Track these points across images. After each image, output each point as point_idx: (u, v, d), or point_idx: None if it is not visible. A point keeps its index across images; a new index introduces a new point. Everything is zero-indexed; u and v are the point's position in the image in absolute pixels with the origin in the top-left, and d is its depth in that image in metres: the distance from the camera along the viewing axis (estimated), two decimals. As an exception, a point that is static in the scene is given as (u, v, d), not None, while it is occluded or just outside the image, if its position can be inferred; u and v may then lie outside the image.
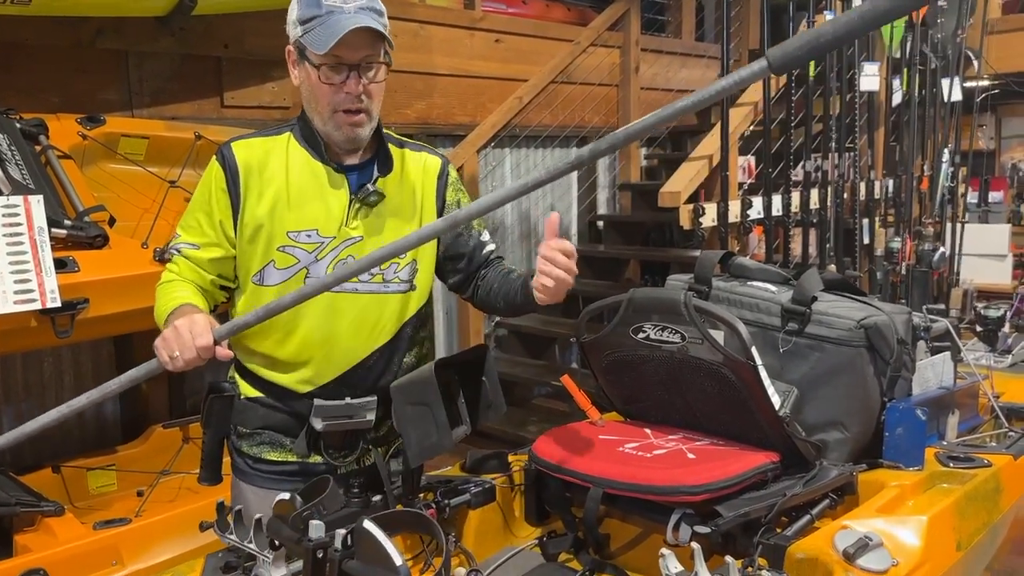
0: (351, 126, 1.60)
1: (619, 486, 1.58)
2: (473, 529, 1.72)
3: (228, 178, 1.63)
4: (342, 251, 1.65)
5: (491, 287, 1.76)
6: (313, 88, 1.59)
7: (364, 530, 1.09)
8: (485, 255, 1.81)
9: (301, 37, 1.56)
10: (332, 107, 1.58)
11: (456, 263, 1.79)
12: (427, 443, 1.52)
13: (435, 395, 1.51)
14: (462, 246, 1.78)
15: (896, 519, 1.55)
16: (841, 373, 1.80)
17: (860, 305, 1.85)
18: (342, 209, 1.64)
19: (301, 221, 1.63)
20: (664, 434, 1.80)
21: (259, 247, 1.64)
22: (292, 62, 1.64)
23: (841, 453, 1.80)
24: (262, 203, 1.62)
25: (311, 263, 1.63)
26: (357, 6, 1.54)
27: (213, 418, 1.72)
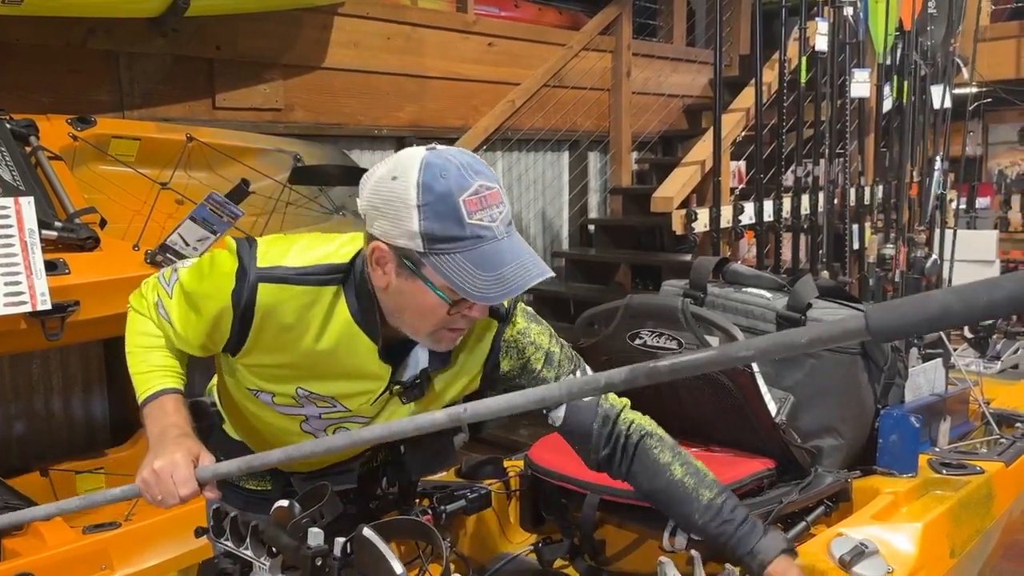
0: (451, 341, 1.29)
1: (616, 493, 1.58)
2: (469, 535, 1.72)
3: (235, 316, 1.28)
4: (348, 424, 1.41)
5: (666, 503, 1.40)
6: (422, 309, 1.22)
7: (364, 538, 1.09)
8: (591, 440, 1.39)
9: (424, 255, 1.15)
10: (442, 326, 1.24)
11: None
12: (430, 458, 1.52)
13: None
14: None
15: (891, 526, 1.56)
16: (836, 380, 1.81)
17: (855, 313, 1.86)
18: (371, 395, 1.35)
19: (320, 388, 1.35)
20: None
21: (258, 374, 1.37)
22: (385, 262, 1.21)
23: (835, 460, 1.81)
24: (273, 356, 1.32)
25: (311, 419, 1.41)
26: (505, 225, 1.17)
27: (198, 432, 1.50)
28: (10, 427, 3.13)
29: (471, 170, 1.16)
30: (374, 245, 1.20)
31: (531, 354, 1.39)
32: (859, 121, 4.45)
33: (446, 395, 1.40)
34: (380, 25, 4.09)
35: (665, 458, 1.39)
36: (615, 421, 1.40)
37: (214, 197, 2.55)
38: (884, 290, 3.90)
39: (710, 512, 1.34)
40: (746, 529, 1.33)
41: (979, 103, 5.43)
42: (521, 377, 1.39)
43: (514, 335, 1.38)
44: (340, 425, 1.41)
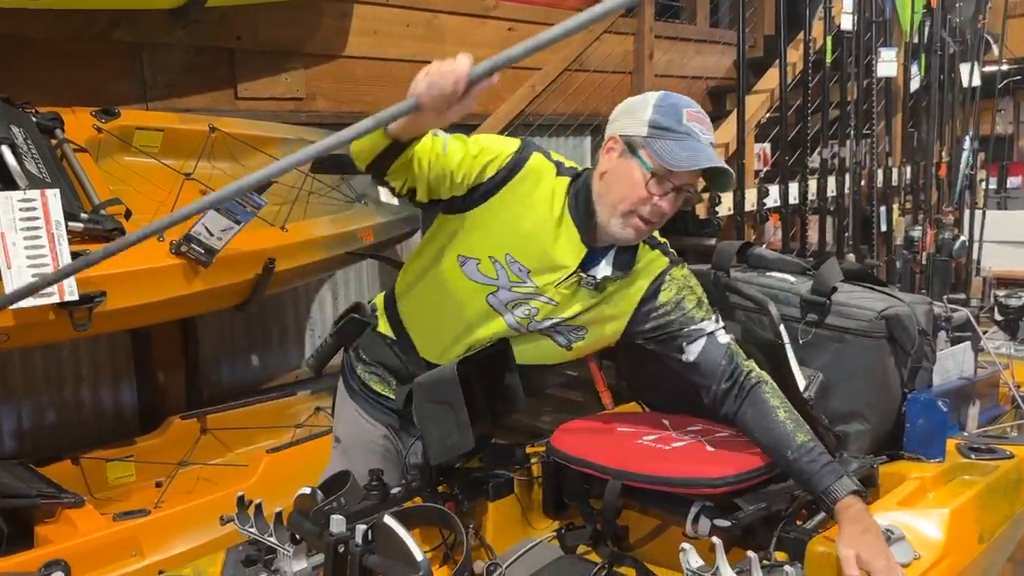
0: (636, 232, 1.59)
1: (638, 479, 1.57)
2: (491, 521, 1.72)
3: (506, 165, 1.59)
4: (532, 301, 1.64)
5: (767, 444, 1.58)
6: (627, 185, 1.56)
7: (385, 525, 1.09)
8: (716, 374, 1.63)
9: (647, 138, 1.54)
10: (633, 208, 1.57)
11: (678, 367, 1.69)
12: (448, 442, 1.53)
13: (457, 395, 1.51)
14: (666, 350, 1.69)
15: (918, 512, 1.54)
16: (862, 364, 1.79)
17: (881, 296, 1.84)
18: (560, 276, 1.62)
19: (524, 254, 1.61)
20: (683, 425, 1.79)
21: (477, 235, 1.62)
22: (611, 149, 1.60)
23: (861, 445, 1.79)
24: (507, 211, 1.60)
25: (501, 290, 1.63)
26: (709, 140, 1.57)
27: (342, 333, 1.82)
28: (42, 416, 3.18)
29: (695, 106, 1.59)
30: (610, 136, 1.61)
31: (686, 295, 1.68)
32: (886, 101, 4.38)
33: (612, 302, 1.66)
34: (399, 12, 4.08)
35: (774, 402, 1.60)
36: (738, 363, 1.64)
37: (237, 187, 2.56)
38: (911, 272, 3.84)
39: (801, 451, 1.51)
40: (827, 471, 1.48)
41: (1009, 80, 5.32)
42: (673, 312, 1.66)
43: (677, 276, 1.69)
44: (523, 303, 1.64)
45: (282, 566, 1.35)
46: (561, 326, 1.68)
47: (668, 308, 1.67)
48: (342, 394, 1.88)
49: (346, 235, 3.11)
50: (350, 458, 1.80)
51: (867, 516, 1.42)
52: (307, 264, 3.02)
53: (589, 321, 1.68)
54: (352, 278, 3.96)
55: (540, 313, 1.66)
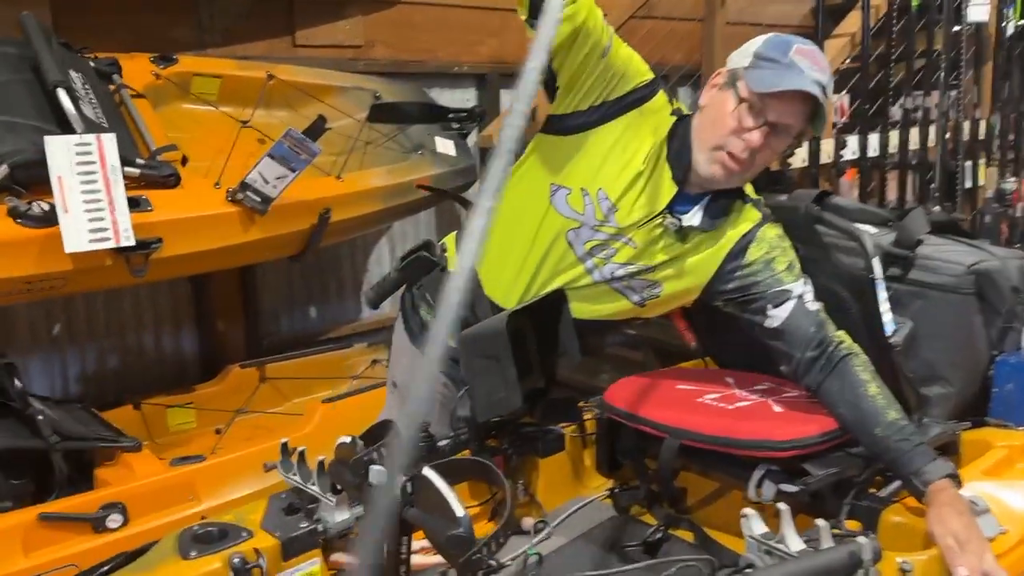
0: (723, 169, 1.51)
1: (698, 438, 1.48)
2: (542, 478, 1.66)
3: (640, 92, 1.55)
4: (613, 243, 1.57)
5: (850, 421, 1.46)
6: (718, 116, 1.51)
7: (425, 478, 1.03)
8: (803, 342, 1.52)
9: (746, 68, 1.48)
10: (721, 143, 1.50)
11: (761, 333, 1.59)
12: (495, 399, 1.46)
13: (505, 349, 1.44)
14: (748, 314, 1.59)
15: (1004, 483, 1.42)
16: (947, 323, 1.65)
17: (970, 249, 1.69)
18: (645, 215, 1.55)
19: (615, 189, 1.54)
20: (749, 383, 1.69)
21: (577, 162, 1.55)
22: (714, 84, 1.56)
23: (943, 410, 1.66)
24: (615, 141, 1.54)
25: (584, 227, 1.56)
26: (816, 78, 1.46)
27: (407, 269, 1.76)
28: (104, 362, 3.23)
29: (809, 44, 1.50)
30: (717, 71, 1.56)
31: (777, 255, 1.57)
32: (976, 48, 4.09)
33: (695, 255, 1.57)
34: (459, -41, 3.95)
35: (864, 376, 1.47)
36: (828, 331, 1.53)
37: (292, 134, 2.52)
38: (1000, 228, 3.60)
39: (892, 429, 1.40)
40: (919, 451, 1.37)
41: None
42: (761, 272, 1.56)
43: (769, 235, 1.59)
44: (603, 246, 1.56)
45: (324, 516, 1.31)
46: (637, 278, 1.59)
47: (756, 268, 1.57)
48: (400, 337, 1.81)
49: (402, 186, 3.05)
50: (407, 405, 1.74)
51: (960, 501, 1.30)
52: (363, 215, 2.98)
53: (668, 276, 1.59)
54: (410, 230, 3.91)
55: (619, 255, 1.57)
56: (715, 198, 1.57)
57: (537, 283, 1.62)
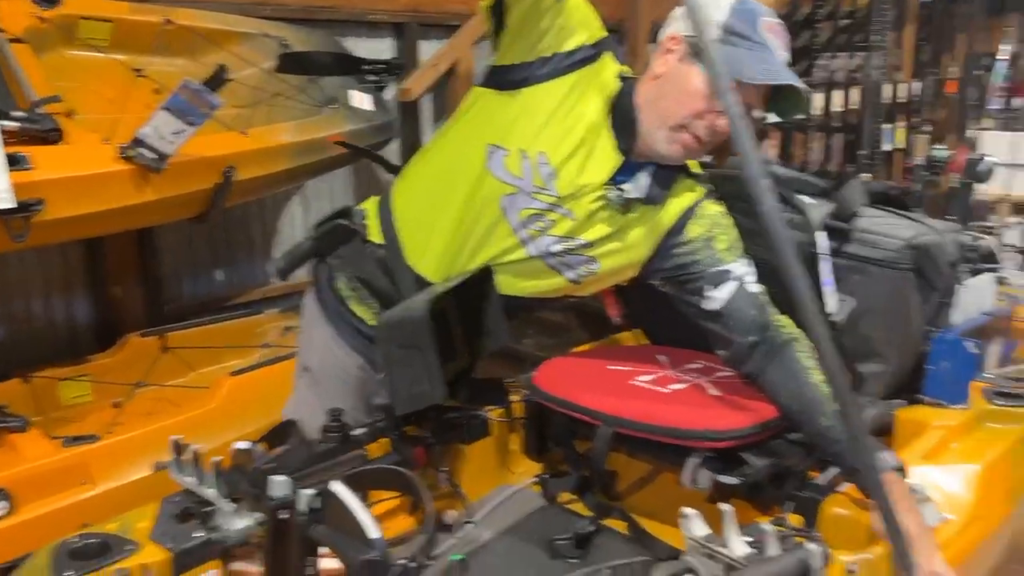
0: (684, 149, 1.42)
1: (633, 426, 1.39)
2: (466, 467, 1.55)
3: (589, 50, 1.43)
4: (550, 214, 1.45)
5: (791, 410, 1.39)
6: (682, 94, 1.39)
7: (333, 494, 0.91)
8: (743, 326, 1.44)
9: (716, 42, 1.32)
10: (685, 123, 1.39)
11: (698, 315, 1.50)
12: (416, 391, 1.34)
13: (427, 338, 1.31)
14: (685, 294, 1.50)
15: (944, 468, 1.38)
16: (883, 299, 1.61)
17: (909, 223, 1.64)
18: (585, 183, 1.43)
19: (556, 155, 1.42)
20: (682, 362, 1.61)
21: (518, 121, 1.42)
22: (671, 50, 1.42)
23: (878, 387, 1.62)
24: (557, 103, 1.41)
25: (520, 193, 1.44)
26: (785, 58, 1.39)
27: (323, 238, 1.62)
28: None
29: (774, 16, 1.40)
30: (671, 33, 1.43)
31: (718, 234, 1.48)
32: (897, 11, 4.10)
33: (635, 230, 1.48)
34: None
35: (808, 363, 1.40)
36: (770, 315, 1.44)
37: (189, 85, 2.30)
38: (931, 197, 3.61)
39: (838, 419, 1.31)
40: None
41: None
42: (701, 251, 1.47)
43: (711, 212, 1.50)
44: (539, 216, 1.45)
45: (222, 523, 1.17)
46: (574, 254, 1.48)
47: (696, 245, 1.48)
48: (313, 314, 1.65)
49: (314, 143, 2.87)
50: (319, 391, 1.60)
51: (909, 497, 1.24)
52: (270, 173, 2.79)
53: (607, 252, 1.48)
54: (324, 190, 3.70)
55: (556, 227, 1.46)
56: (659, 170, 1.47)
57: (465, 253, 1.49)
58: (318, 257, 1.62)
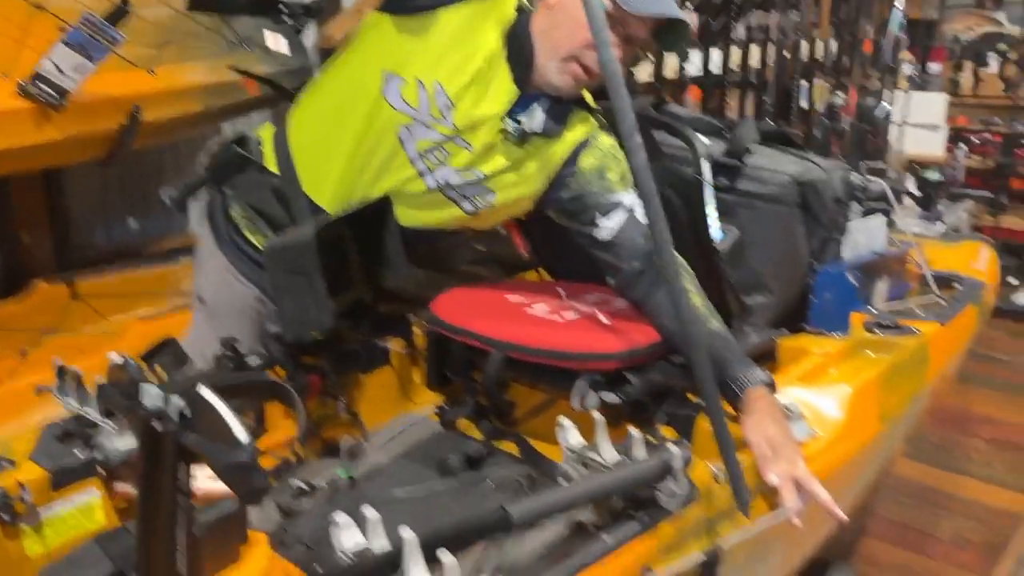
0: (574, 80, 1.43)
1: (524, 351, 1.42)
2: (364, 396, 1.57)
3: None
4: (448, 144, 1.46)
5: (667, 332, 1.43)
6: (573, 24, 1.37)
7: (201, 398, 0.91)
8: (630, 253, 1.48)
9: None
10: (575, 54, 1.40)
11: (590, 244, 1.52)
12: (305, 317, 1.34)
13: (314, 264, 1.31)
14: (577, 224, 1.52)
15: (818, 389, 1.44)
16: (771, 233, 1.67)
17: (796, 160, 1.70)
18: (482, 115, 1.44)
19: (453, 85, 1.42)
20: (579, 294, 1.64)
21: (414, 48, 1.42)
22: None
23: (764, 318, 1.68)
24: (455, 30, 1.41)
25: (417, 124, 1.44)
26: None
27: (217, 167, 1.59)
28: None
29: None
30: None
31: (611, 165, 1.50)
32: (817, -31, 4.16)
33: (532, 162, 1.48)
34: None
35: (688, 286, 1.42)
36: None
37: (90, 19, 2.22)
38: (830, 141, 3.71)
39: (715, 338, 1.36)
40: (738, 359, 1.35)
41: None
42: (593, 183, 1.49)
43: (604, 145, 1.51)
44: (437, 148, 1.45)
45: (104, 443, 1.17)
46: (472, 185, 1.49)
47: (589, 177, 1.50)
48: (208, 244, 1.63)
49: (226, 84, 2.80)
50: (215, 323, 1.59)
51: (776, 409, 1.30)
52: (180, 115, 2.72)
53: (504, 184, 1.50)
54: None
55: (454, 159, 1.46)
56: (555, 103, 1.48)
57: (362, 183, 1.49)
58: (213, 186, 1.60)
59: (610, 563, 0.99)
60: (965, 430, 3.10)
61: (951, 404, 3.32)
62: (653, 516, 1.06)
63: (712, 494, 1.13)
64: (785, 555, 1.31)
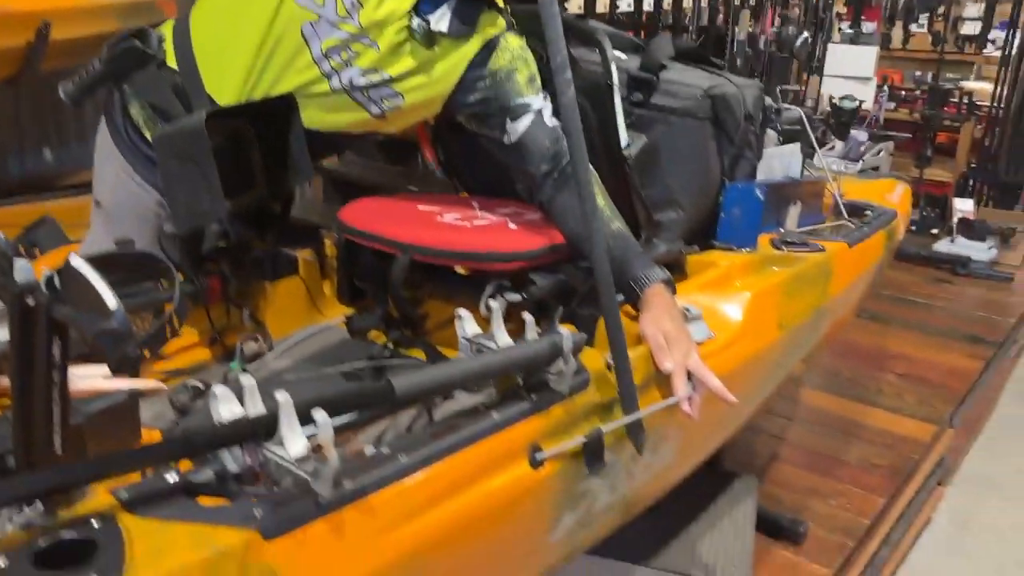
0: None
1: (429, 252, 1.42)
2: (270, 304, 1.55)
3: None
4: (352, 44, 1.42)
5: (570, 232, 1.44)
6: None
7: (72, 269, 0.88)
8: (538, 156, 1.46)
9: None
10: None
11: (499, 150, 1.51)
12: (195, 208, 1.29)
13: (205, 151, 1.26)
14: (487, 129, 1.50)
15: (719, 294, 1.47)
16: (683, 148, 1.67)
17: (710, 76, 1.70)
18: (390, 13, 1.40)
19: None
20: (493, 207, 1.63)
21: None
22: None
23: (675, 235, 1.69)
24: None
25: (323, 21, 1.41)
26: None
27: (115, 61, 1.50)
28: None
29: None
30: None
31: (520, 67, 1.48)
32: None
33: (440, 63, 1.46)
34: None
35: (594, 188, 1.36)
36: (563, 146, 1.44)
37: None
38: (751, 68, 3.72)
39: (616, 238, 1.38)
40: (638, 259, 1.36)
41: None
42: (503, 84, 1.47)
43: (513, 45, 1.49)
44: (343, 48, 1.42)
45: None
46: (379, 87, 1.46)
47: (498, 78, 1.48)
48: (105, 144, 1.57)
49: (141, 5, 2.69)
50: (112, 227, 1.53)
51: (673, 305, 1.31)
52: (94, 34, 2.60)
53: (412, 86, 1.47)
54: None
55: (360, 59, 1.43)
56: (463, 2, 1.46)
57: (265, 82, 1.45)
58: (111, 82, 1.54)
59: (499, 439, 1.00)
60: (879, 366, 3.20)
61: (867, 342, 3.43)
62: (544, 398, 1.07)
63: (605, 382, 1.14)
64: (680, 448, 1.33)
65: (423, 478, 0.91)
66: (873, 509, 2.26)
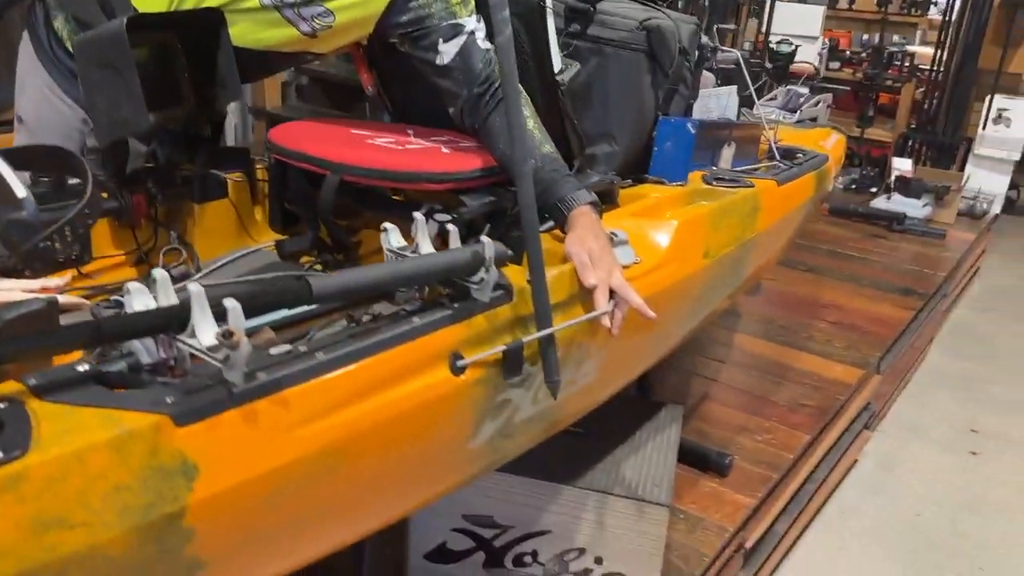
0: None
1: (358, 172, 1.41)
2: (197, 226, 1.53)
3: None
4: None
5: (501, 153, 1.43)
6: None
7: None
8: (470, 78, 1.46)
9: None
10: None
11: (431, 71, 1.49)
12: (117, 117, 1.26)
13: (125, 56, 1.23)
14: (420, 51, 1.48)
15: (647, 222, 1.49)
16: (618, 80, 1.68)
17: (646, 9, 1.71)
18: None
19: None
20: (428, 134, 1.63)
21: None
22: None
23: (608, 168, 1.71)
24: None
25: None
26: None
27: None
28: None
29: None
30: None
31: None
32: None
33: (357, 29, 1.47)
34: None
35: (525, 111, 1.41)
36: (495, 69, 1.45)
37: None
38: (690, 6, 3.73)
39: (545, 160, 1.39)
40: (566, 181, 1.37)
41: None
42: (435, 4, 1.45)
43: None
44: None
45: None
46: (308, 6, 1.43)
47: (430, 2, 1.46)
48: (28, 59, 1.52)
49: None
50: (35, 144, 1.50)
51: (598, 226, 1.33)
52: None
53: (343, 5, 1.45)
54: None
55: None
56: None
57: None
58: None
59: (419, 344, 1.01)
60: (812, 314, 3.29)
61: (802, 292, 3.52)
62: (466, 307, 1.08)
63: (528, 298, 1.15)
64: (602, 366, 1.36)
65: (341, 376, 0.92)
66: (798, 445, 2.34)
